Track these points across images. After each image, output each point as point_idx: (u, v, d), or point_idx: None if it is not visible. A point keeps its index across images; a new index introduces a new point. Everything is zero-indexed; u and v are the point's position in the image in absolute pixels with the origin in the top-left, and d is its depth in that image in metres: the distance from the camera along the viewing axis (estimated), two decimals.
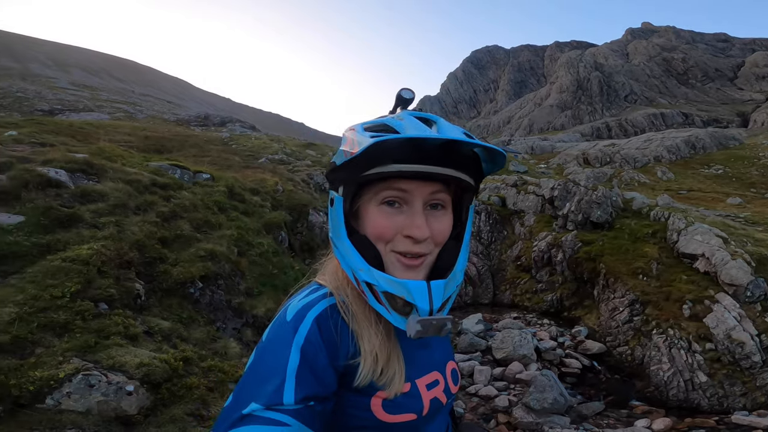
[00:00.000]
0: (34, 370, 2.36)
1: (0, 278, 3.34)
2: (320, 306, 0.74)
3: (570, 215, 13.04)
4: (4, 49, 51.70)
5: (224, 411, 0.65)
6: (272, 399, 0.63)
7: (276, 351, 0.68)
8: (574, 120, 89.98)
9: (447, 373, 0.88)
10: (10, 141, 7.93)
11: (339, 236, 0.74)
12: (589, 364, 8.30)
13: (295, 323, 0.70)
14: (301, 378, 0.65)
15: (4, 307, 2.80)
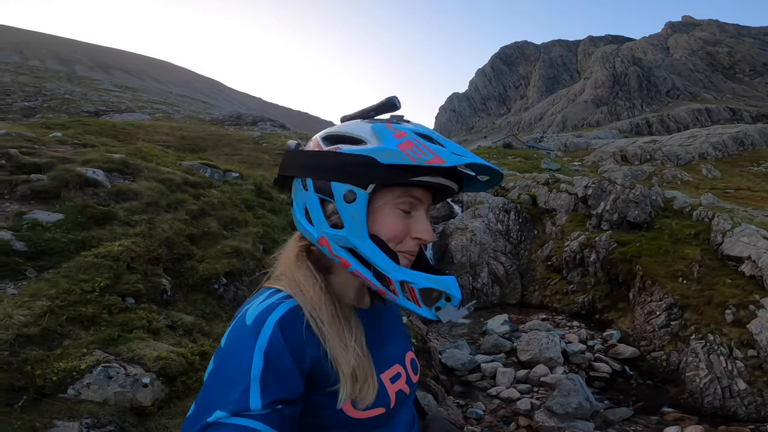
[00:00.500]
0: (59, 362, 2.48)
1: (36, 273, 3.54)
2: (282, 308, 0.72)
3: (605, 214, 12.53)
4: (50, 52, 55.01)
5: (187, 421, 0.63)
6: (238, 405, 0.61)
7: (238, 356, 0.66)
8: (611, 116, 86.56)
9: (407, 364, 0.91)
10: (54, 142, 8.39)
11: (360, 236, 0.72)
12: (620, 369, 8.00)
13: (256, 327, 0.69)
14: (267, 382, 0.64)
15: (37, 300, 2.95)
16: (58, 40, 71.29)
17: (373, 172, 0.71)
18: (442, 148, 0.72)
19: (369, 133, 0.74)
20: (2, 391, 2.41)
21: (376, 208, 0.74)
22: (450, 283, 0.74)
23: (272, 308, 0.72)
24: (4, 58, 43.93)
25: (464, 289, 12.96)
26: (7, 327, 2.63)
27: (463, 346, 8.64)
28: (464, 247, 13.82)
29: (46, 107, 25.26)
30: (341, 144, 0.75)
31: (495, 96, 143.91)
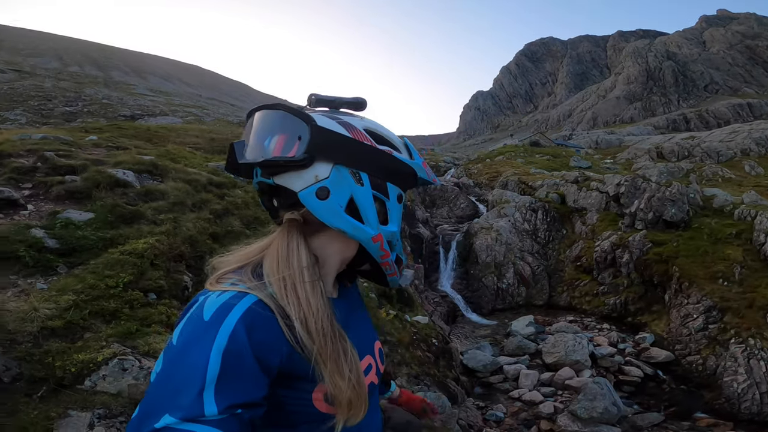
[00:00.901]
0: (78, 354, 2.56)
1: (66, 268, 3.69)
2: (246, 302, 0.65)
3: (638, 213, 12.02)
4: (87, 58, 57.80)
5: (130, 425, 0.58)
6: (191, 411, 0.56)
7: (192, 356, 0.60)
8: (645, 112, 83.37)
9: (376, 354, 0.90)
10: (90, 145, 8.75)
11: (398, 230, 0.83)
12: (653, 373, 7.76)
13: (215, 323, 0.62)
14: (225, 385, 0.58)
15: (64, 294, 3.08)
16: (95, 45, 74.88)
17: (412, 181, 0.83)
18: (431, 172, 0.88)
19: (402, 144, 0.85)
20: (24, 381, 2.53)
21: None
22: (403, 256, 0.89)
23: (235, 300, 0.65)
24: (45, 64, 46.47)
25: (489, 289, 12.73)
26: (32, 320, 2.75)
27: (486, 348, 8.50)
28: (489, 247, 13.56)
29: (86, 112, 26.53)
30: (390, 148, 0.80)
31: (521, 93, 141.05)
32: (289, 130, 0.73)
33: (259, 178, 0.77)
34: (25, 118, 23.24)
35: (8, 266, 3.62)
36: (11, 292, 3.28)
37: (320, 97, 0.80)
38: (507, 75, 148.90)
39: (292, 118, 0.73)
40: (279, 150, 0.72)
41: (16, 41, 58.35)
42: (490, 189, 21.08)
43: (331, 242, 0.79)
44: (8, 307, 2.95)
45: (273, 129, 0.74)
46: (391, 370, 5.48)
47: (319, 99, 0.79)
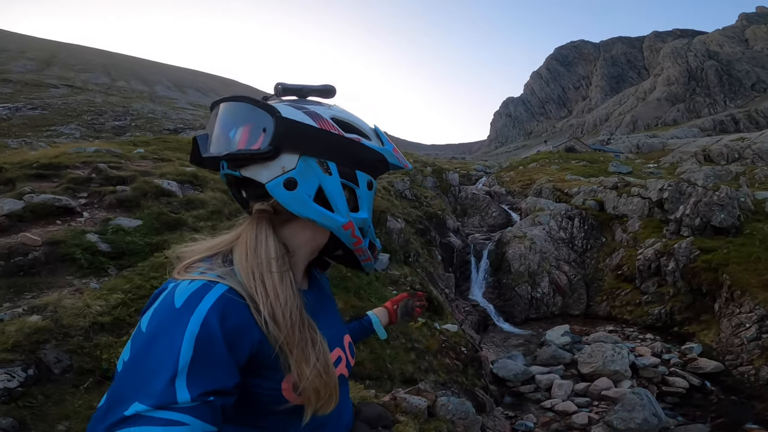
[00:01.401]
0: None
1: (116, 270, 3.96)
2: (218, 289, 0.64)
3: (684, 219, 11.43)
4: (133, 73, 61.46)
5: (97, 413, 0.57)
6: (163, 398, 0.55)
7: (163, 343, 0.58)
8: (689, 114, 79.52)
9: (346, 347, 0.90)
10: (137, 157, 9.31)
11: (370, 217, 0.84)
12: (699, 384, 7.36)
13: (186, 309, 0.61)
14: (197, 372, 0.57)
15: (113, 293, 3.31)
16: (139, 61, 79.79)
17: (383, 167, 0.83)
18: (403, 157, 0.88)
19: (372, 132, 0.84)
20: (73, 372, 2.71)
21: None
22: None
23: (207, 288, 0.64)
24: (95, 80, 49.85)
25: (522, 298, 12.43)
26: (85, 315, 2.97)
27: (517, 357, 8.29)
28: (522, 256, 13.25)
29: (134, 126, 28.19)
30: (358, 135, 0.79)
31: (554, 98, 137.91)
32: (253, 122, 0.72)
33: (225, 171, 0.76)
34: (79, 132, 24.97)
35: (65, 267, 3.91)
36: (67, 290, 3.55)
37: (287, 86, 0.78)
38: (538, 80, 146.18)
39: (257, 110, 0.72)
40: (244, 142, 0.71)
41: (68, 57, 62.95)
42: (523, 197, 20.64)
43: (301, 231, 0.79)
44: (64, 304, 3.19)
45: (237, 121, 0.73)
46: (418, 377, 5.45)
47: (285, 88, 0.78)
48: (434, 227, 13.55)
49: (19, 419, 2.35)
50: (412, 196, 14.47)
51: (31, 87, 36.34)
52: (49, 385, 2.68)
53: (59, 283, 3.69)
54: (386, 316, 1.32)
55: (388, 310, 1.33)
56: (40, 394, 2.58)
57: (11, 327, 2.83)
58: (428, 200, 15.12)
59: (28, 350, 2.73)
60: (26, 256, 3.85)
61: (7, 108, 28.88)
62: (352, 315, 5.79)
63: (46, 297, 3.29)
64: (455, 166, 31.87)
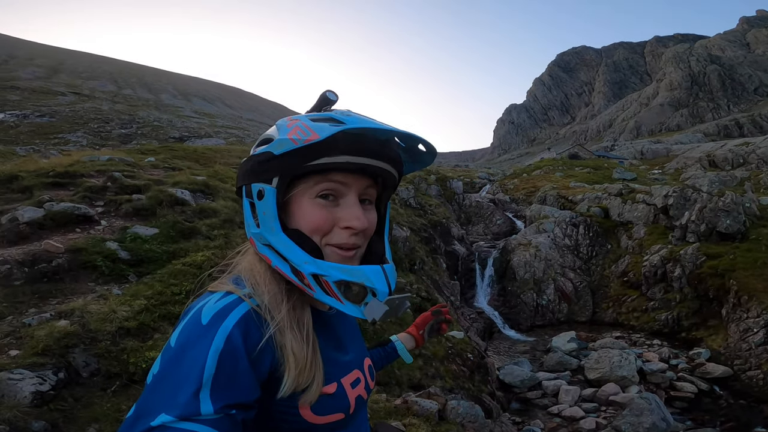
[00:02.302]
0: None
1: (137, 277, 4.08)
2: (241, 308, 0.67)
3: (690, 225, 11.47)
4: (139, 81, 62.07)
5: (124, 425, 0.59)
6: (187, 409, 0.57)
7: (190, 357, 0.61)
8: (693, 119, 79.44)
9: (365, 370, 0.88)
10: (149, 166, 9.48)
11: (272, 231, 0.70)
12: (708, 389, 7.40)
13: (212, 327, 0.63)
14: (220, 385, 0.60)
15: (136, 299, 3.43)
16: (146, 69, 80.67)
17: (271, 165, 0.70)
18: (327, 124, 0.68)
19: (274, 130, 0.74)
20: (101, 376, 2.81)
21: (294, 201, 0.72)
22: (370, 273, 0.69)
23: (231, 307, 0.66)
24: (102, 87, 50.37)
25: (527, 306, 12.45)
26: (112, 320, 3.08)
27: (524, 363, 8.33)
28: (527, 263, 13.29)
29: (140, 134, 28.47)
30: (259, 146, 0.75)
31: (556, 105, 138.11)
32: None
33: None
34: (86, 140, 25.25)
35: (87, 274, 4.03)
36: (91, 296, 3.66)
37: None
38: (540, 87, 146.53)
39: None
40: None
41: (76, 64, 63.68)
42: (527, 204, 20.70)
43: None
44: (90, 309, 3.30)
45: None
46: (426, 383, 5.51)
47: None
48: (439, 235, 13.63)
49: (51, 422, 2.42)
50: (417, 205, 14.57)
51: (38, 94, 36.81)
52: (78, 389, 2.75)
53: (82, 290, 3.81)
54: (411, 342, 1.29)
55: (414, 335, 1.29)
56: (70, 397, 2.65)
57: (41, 331, 2.93)
58: (432, 208, 15.21)
59: (58, 354, 2.82)
60: (50, 263, 3.97)
61: (15, 115, 29.27)
62: (359, 322, 5.87)
63: (72, 302, 3.40)
64: (459, 174, 31.98)
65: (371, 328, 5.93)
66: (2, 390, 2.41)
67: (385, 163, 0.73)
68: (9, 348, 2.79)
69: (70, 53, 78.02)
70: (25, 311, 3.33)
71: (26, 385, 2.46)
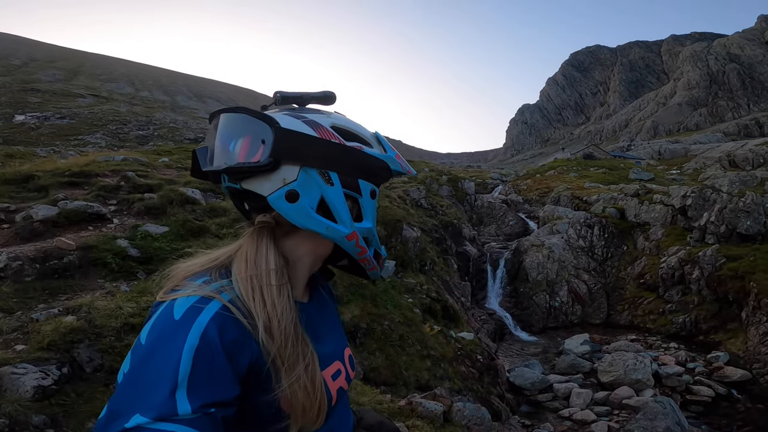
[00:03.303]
0: None
1: (145, 274, 4.13)
2: (216, 302, 0.64)
3: (709, 226, 11.17)
4: (155, 83, 63.25)
5: (98, 424, 0.57)
6: (163, 410, 0.55)
7: (163, 355, 0.58)
8: (712, 118, 77.67)
9: (346, 361, 0.87)
10: (162, 166, 9.63)
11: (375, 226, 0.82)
12: (726, 393, 7.22)
13: (186, 322, 0.60)
14: (197, 384, 0.57)
15: (143, 296, 3.49)
16: (161, 71, 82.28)
17: (386, 175, 0.82)
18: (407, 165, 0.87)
19: (373, 138, 0.82)
20: (104, 371, 2.83)
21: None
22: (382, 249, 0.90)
23: (206, 301, 0.63)
24: (120, 89, 51.52)
25: (540, 307, 12.27)
26: (117, 316, 3.11)
27: (535, 365, 8.21)
28: (540, 265, 13.10)
29: (156, 135, 29.02)
30: (359, 143, 0.77)
31: (570, 105, 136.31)
32: (252, 134, 0.71)
33: (227, 183, 0.75)
34: (105, 141, 25.83)
35: (97, 270, 4.09)
36: (99, 292, 3.71)
37: (286, 94, 0.77)
38: (554, 86, 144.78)
39: (255, 121, 0.70)
40: (243, 155, 0.70)
41: (94, 66, 65.21)
42: (540, 205, 20.43)
43: (303, 243, 0.78)
44: (97, 305, 3.33)
45: (236, 133, 0.72)
46: (433, 384, 5.45)
47: (284, 96, 0.77)
48: (450, 236, 13.53)
49: (51, 416, 2.43)
50: (428, 205, 14.49)
51: (59, 96, 37.79)
52: (81, 384, 2.77)
53: (92, 286, 3.86)
54: None
55: None
56: (72, 392, 2.67)
57: (47, 327, 2.97)
58: (444, 209, 15.11)
59: (63, 349, 2.85)
60: (61, 259, 4.04)
61: (36, 117, 30.11)
62: (368, 322, 5.83)
63: (80, 298, 3.44)
64: (471, 174, 31.77)
65: (379, 328, 5.89)
66: (5, 384, 2.43)
67: None
68: (15, 342, 2.84)
69: (89, 56, 79.98)
70: (35, 307, 3.39)
71: (29, 379, 2.48)
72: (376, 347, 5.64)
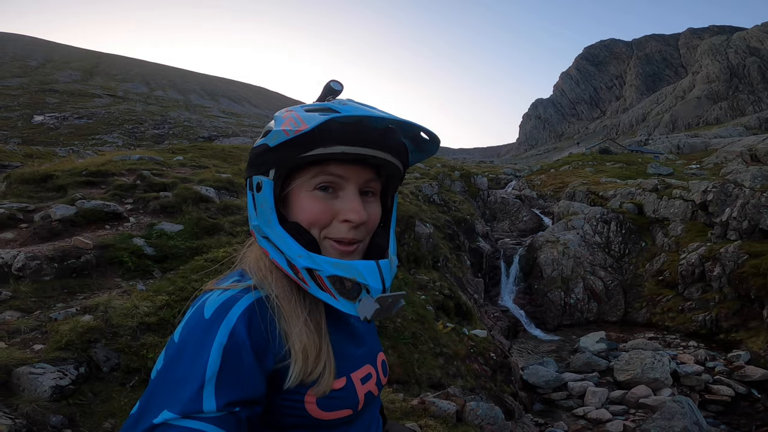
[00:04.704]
0: None
1: (161, 273, 4.17)
2: (246, 300, 0.65)
3: (731, 222, 10.87)
4: (170, 83, 64.05)
5: (128, 421, 0.58)
6: (189, 406, 0.56)
7: (193, 352, 0.60)
8: (733, 112, 75.74)
9: (378, 365, 0.85)
10: (177, 164, 9.72)
11: (269, 223, 0.69)
12: (746, 392, 7.06)
13: (215, 320, 0.62)
14: (224, 382, 0.58)
15: (159, 295, 3.50)
16: (175, 71, 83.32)
17: (267, 157, 0.69)
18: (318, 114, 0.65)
19: (272, 123, 0.71)
20: (120, 371, 2.85)
21: (293, 194, 0.71)
22: (362, 268, 0.66)
23: (235, 300, 0.65)
24: (135, 89, 52.30)
25: (554, 304, 12.10)
26: (133, 316, 3.14)
27: (549, 363, 8.11)
28: (555, 261, 12.91)
29: (171, 134, 29.42)
30: (260, 139, 0.72)
31: (585, 99, 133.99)
32: None
33: None
34: (122, 140, 26.28)
35: (114, 269, 4.14)
36: (116, 291, 3.75)
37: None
38: (568, 81, 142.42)
39: None
40: None
41: (110, 67, 66.33)
42: (555, 201, 20.14)
43: None
44: (113, 304, 3.37)
45: None
46: (446, 383, 5.40)
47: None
48: (463, 232, 13.42)
49: (68, 416, 2.45)
50: (441, 201, 14.39)
51: (76, 97, 38.54)
52: (98, 383, 2.79)
53: (109, 285, 3.91)
54: None
55: None
56: (89, 392, 2.69)
57: (65, 326, 3.00)
58: (456, 205, 14.99)
59: (80, 349, 2.88)
60: (79, 258, 4.10)
61: (55, 117, 30.78)
62: (381, 319, 5.82)
63: (97, 298, 3.49)
64: (483, 170, 31.46)
65: (391, 326, 5.87)
66: (23, 384, 2.46)
67: (385, 153, 0.70)
68: (34, 342, 2.87)
69: (104, 56, 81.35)
70: (53, 306, 3.44)
71: (47, 379, 2.50)
72: (389, 345, 5.61)
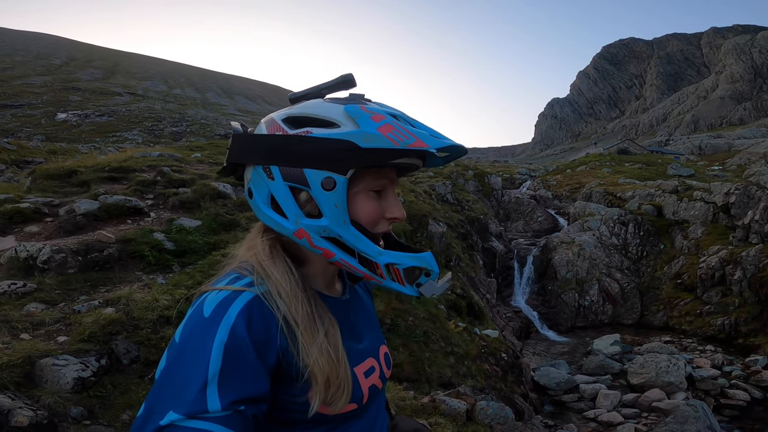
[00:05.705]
0: None
1: (180, 267, 4.29)
2: (245, 297, 0.65)
3: (753, 225, 10.60)
4: (187, 81, 65.03)
5: (135, 424, 0.59)
6: (194, 407, 0.56)
7: (194, 352, 0.60)
8: (757, 112, 73.57)
9: (381, 358, 0.85)
10: (195, 161, 9.91)
11: (344, 224, 0.68)
12: (762, 397, 6.99)
13: (215, 319, 0.62)
14: (227, 380, 0.58)
15: (177, 289, 3.63)
16: (192, 69, 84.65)
17: (354, 157, 0.66)
18: (419, 130, 0.69)
19: (342, 115, 0.68)
20: (140, 363, 2.93)
21: (352, 193, 0.70)
22: (429, 259, 0.73)
23: (234, 297, 0.65)
24: (154, 87, 53.25)
25: (568, 306, 11.98)
26: (153, 309, 3.23)
27: (561, 365, 8.05)
28: (570, 262, 12.76)
29: (189, 132, 29.92)
30: (310, 127, 0.69)
31: (603, 98, 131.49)
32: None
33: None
34: (141, 137, 26.85)
35: (135, 263, 4.27)
36: (137, 285, 3.87)
37: (296, 94, 0.78)
38: (585, 80, 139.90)
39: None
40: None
41: (130, 65, 67.64)
42: (571, 201, 19.88)
43: None
44: (135, 298, 3.47)
45: None
46: (456, 382, 5.41)
47: (293, 97, 0.78)
48: (476, 231, 13.37)
49: (88, 408, 2.50)
50: (454, 200, 14.35)
51: (97, 95, 39.47)
52: (118, 375, 2.86)
53: (130, 278, 4.03)
54: None
55: None
56: (109, 384, 2.75)
57: (88, 318, 3.10)
58: (470, 204, 14.93)
59: (102, 341, 2.96)
60: (102, 252, 4.24)
61: (77, 115, 31.61)
62: (392, 317, 5.85)
63: (119, 291, 3.60)
64: (498, 169, 31.22)
65: (403, 324, 5.90)
66: (46, 376, 2.53)
67: (420, 160, 0.77)
68: (58, 334, 2.98)
69: (124, 55, 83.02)
70: (77, 298, 3.57)
71: (69, 371, 2.56)
72: (400, 343, 5.64)
